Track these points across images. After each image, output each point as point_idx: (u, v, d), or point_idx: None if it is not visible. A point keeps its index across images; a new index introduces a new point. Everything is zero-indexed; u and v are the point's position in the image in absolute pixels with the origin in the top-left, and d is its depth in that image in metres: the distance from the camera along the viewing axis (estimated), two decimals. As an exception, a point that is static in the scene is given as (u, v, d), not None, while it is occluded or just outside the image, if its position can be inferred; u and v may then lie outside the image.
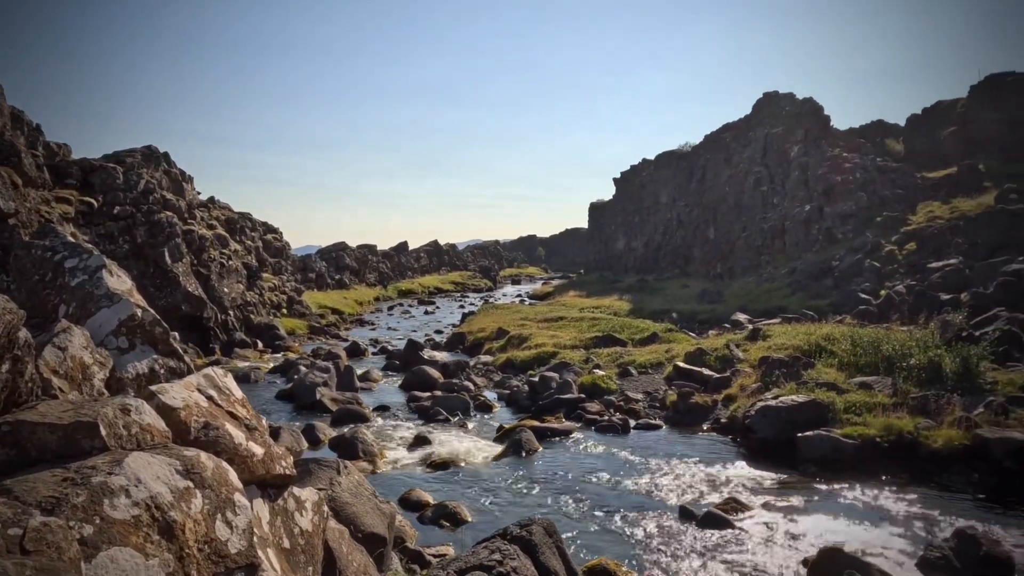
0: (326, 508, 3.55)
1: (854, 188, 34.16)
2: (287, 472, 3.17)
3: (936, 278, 22.51)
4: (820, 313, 22.24)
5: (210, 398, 2.99)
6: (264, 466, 2.97)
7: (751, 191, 42.30)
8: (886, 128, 43.91)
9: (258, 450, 2.96)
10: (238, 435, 2.86)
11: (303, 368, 18.60)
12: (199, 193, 32.29)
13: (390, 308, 45.55)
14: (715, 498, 9.23)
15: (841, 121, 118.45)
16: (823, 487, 9.60)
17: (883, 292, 23.03)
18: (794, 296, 28.19)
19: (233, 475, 2.45)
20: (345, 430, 12.65)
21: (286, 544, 2.98)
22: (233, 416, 3.02)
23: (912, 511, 8.66)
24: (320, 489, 4.65)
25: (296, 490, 3.36)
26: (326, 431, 13.00)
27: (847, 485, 9.61)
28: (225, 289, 27.64)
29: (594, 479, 10.24)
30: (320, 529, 3.42)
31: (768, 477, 10.13)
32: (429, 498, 9.35)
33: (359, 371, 19.18)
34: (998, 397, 10.89)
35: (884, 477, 9.77)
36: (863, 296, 23.54)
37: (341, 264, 52.21)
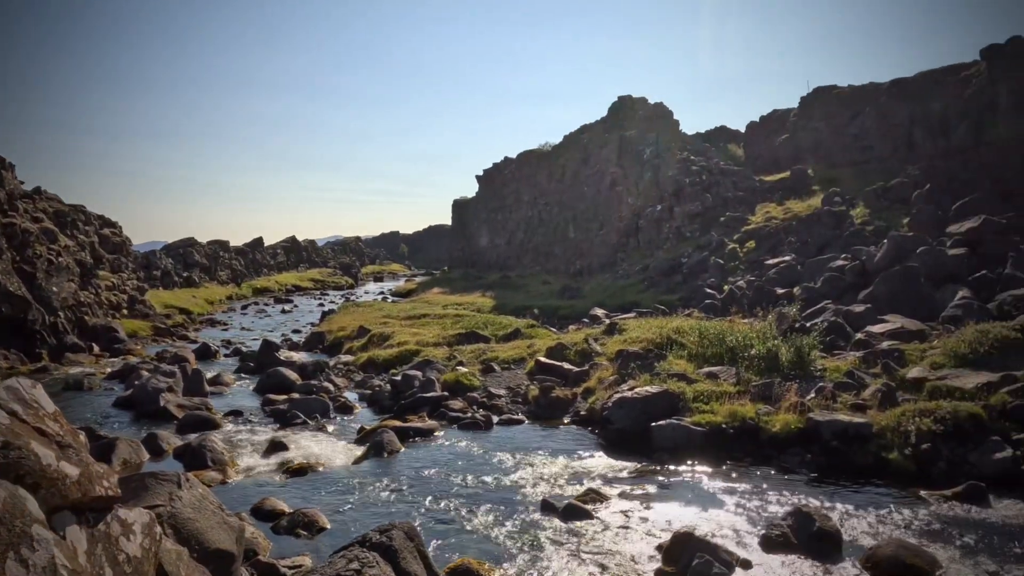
0: (159, 529, 3.21)
1: (701, 190, 36.24)
2: (109, 493, 2.83)
3: (772, 274, 24.30)
4: (671, 307, 23.39)
5: (13, 413, 2.60)
6: (80, 488, 2.62)
7: (608, 191, 43.87)
8: (729, 133, 47.04)
9: (72, 471, 2.61)
10: (46, 455, 2.50)
11: (145, 373, 17.24)
12: (22, 183, 29.16)
13: (244, 307, 43.33)
14: (576, 490, 9.42)
15: (689, 125, 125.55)
16: (676, 473, 10.05)
17: (726, 287, 24.56)
18: (648, 291, 29.50)
19: (33, 504, 2.12)
20: (192, 438, 11.83)
21: (108, 575, 2.64)
22: (42, 433, 2.64)
23: (755, 492, 9.23)
24: (156, 507, 4.24)
25: (123, 512, 3.01)
26: (171, 440, 12.09)
27: (697, 470, 10.12)
28: (54, 288, 25.13)
29: (458, 478, 10.16)
30: (152, 553, 3.08)
31: (625, 466, 10.47)
32: (285, 506, 8.90)
33: (209, 374, 18.04)
34: (827, 383, 11.87)
35: (730, 461, 10.37)
36: (709, 291, 25.00)
37: (190, 261, 49.07)
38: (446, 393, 14.80)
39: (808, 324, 15.63)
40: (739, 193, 35.85)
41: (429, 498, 9.33)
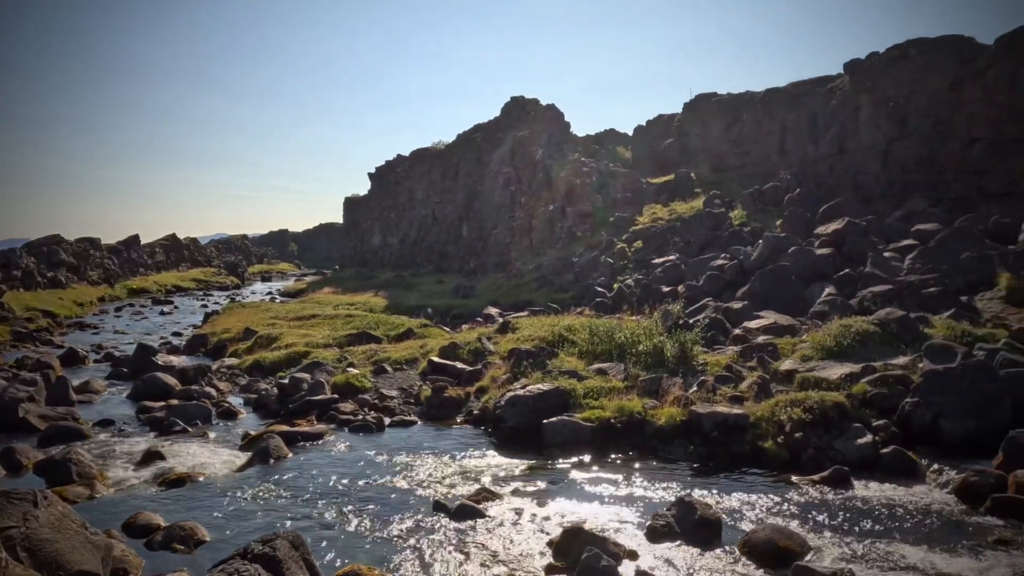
0: (5, 555, 2.92)
1: (591, 190, 37.11)
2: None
3: (659, 273, 25.19)
4: (563, 305, 23.81)
5: None
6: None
7: (501, 190, 44.18)
8: (617, 136, 48.40)
9: None
10: None
11: (2, 381, 15.84)
12: None
13: (118, 309, 40.69)
14: (468, 489, 9.40)
15: (580, 127, 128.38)
16: (566, 469, 10.21)
17: (616, 285, 25.26)
18: (540, 290, 29.92)
19: None
20: (56, 451, 10.97)
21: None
22: None
23: (642, 484, 9.52)
24: (6, 529, 3.88)
25: (-39, 538, 2.71)
26: (30, 454, 11.16)
27: (587, 465, 10.33)
28: None
29: (348, 482, 9.92)
30: (-3, 581, 2.80)
31: (517, 464, 10.55)
32: (160, 520, 8.39)
33: (76, 382, 16.81)
34: (708, 377, 12.41)
35: (619, 455, 10.65)
36: (599, 289, 25.63)
37: (55, 260, 45.57)
38: (336, 396, 14.44)
39: (691, 320, 16.29)
40: (627, 194, 36.96)
41: (318, 504, 9.06)
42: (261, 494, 9.47)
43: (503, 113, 46.56)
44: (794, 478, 9.42)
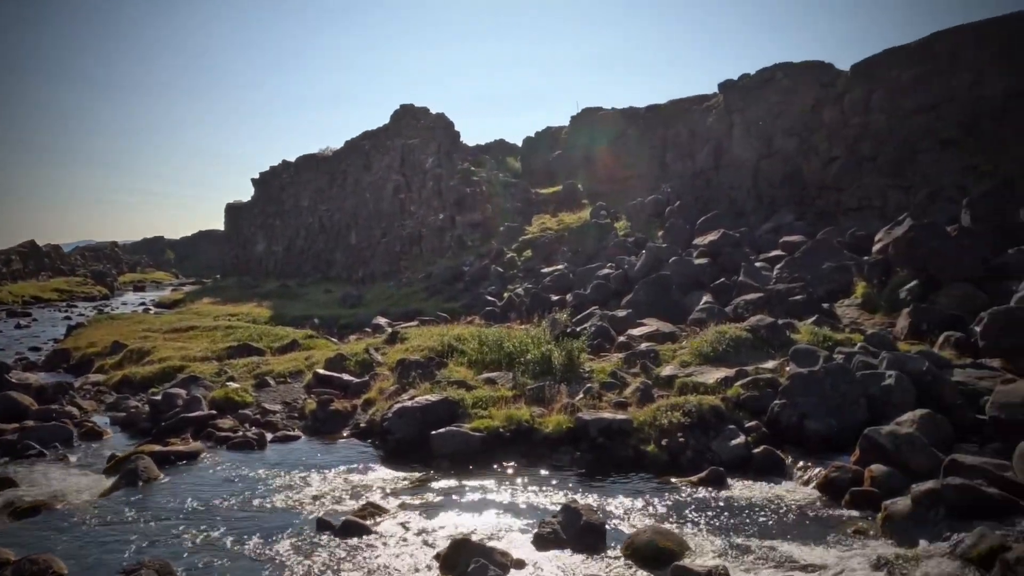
0: None
1: (481, 200, 37.33)
2: None
3: (548, 281, 25.62)
4: (453, 315, 23.77)
5: None
6: None
7: (390, 198, 43.69)
8: (507, 147, 48.95)
9: None
10: None
11: None
12: None
13: (-34, 323, 37.14)
14: (354, 505, 9.17)
15: (470, 137, 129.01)
16: (455, 481, 10.15)
17: (506, 294, 25.48)
18: (430, 299, 29.75)
19: None
20: None
21: None
22: None
23: (530, 492, 9.60)
24: None
25: None
26: None
27: (476, 476, 10.31)
28: None
29: (226, 502, 9.44)
30: None
31: (405, 477, 10.40)
32: (10, 554, 7.67)
33: (-87, 404, 15.14)
34: (594, 384, 12.70)
35: (507, 464, 10.70)
36: (489, 298, 25.77)
37: None
38: (214, 412, 13.74)
39: (578, 328, 16.64)
40: (517, 204, 37.42)
41: (191, 528, 8.56)
42: (128, 520, 8.85)
43: (392, 120, 46.09)
44: (674, 480, 9.77)
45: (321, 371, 15.84)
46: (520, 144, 47.79)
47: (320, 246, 50.47)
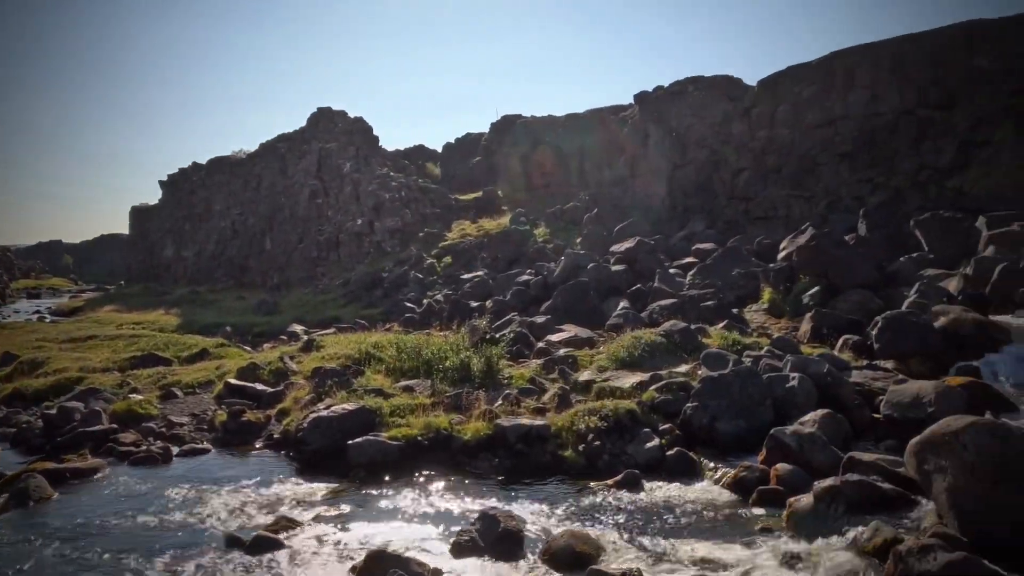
0: None
1: (400, 206, 37.00)
2: None
3: (468, 288, 25.59)
4: (372, 322, 23.43)
5: None
6: None
7: (307, 203, 42.74)
8: (426, 153, 48.75)
9: None
10: None
11: None
12: None
13: None
14: (266, 519, 8.87)
15: (389, 142, 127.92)
16: (372, 491, 9.98)
17: (426, 301, 25.29)
18: (348, 306, 29.25)
19: None
20: None
21: None
22: None
23: (449, 500, 9.54)
24: None
25: None
26: None
27: (394, 485, 10.16)
28: None
29: (127, 521, 8.97)
30: None
31: (321, 489, 10.15)
32: None
33: None
34: (513, 390, 12.75)
35: (426, 472, 10.59)
36: (409, 305, 25.53)
37: None
38: (115, 425, 13.05)
39: (497, 335, 16.68)
40: (436, 210, 37.29)
41: (89, 550, 8.09)
42: (17, 544, 8.29)
43: (309, 123, 45.13)
44: (591, 484, 9.90)
45: (233, 381, 15.29)
46: (440, 150, 47.69)
47: (233, 251, 48.84)
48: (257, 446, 12.47)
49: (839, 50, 25.50)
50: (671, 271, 21.49)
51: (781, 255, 18.95)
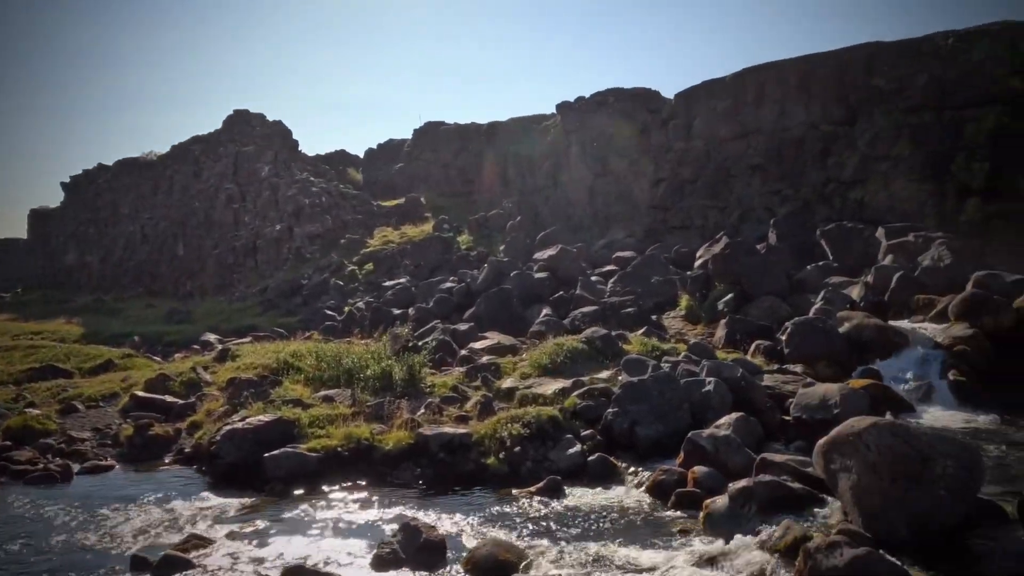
0: None
1: (321, 211, 36.28)
2: None
3: (390, 295, 25.30)
4: (291, 330, 22.86)
5: None
6: None
7: (223, 208, 41.36)
8: (348, 158, 47.99)
9: None
10: None
11: None
12: None
13: None
14: (175, 538, 8.48)
15: (309, 146, 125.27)
16: (290, 504, 9.69)
17: (347, 308, 24.87)
18: (266, 314, 28.46)
19: None
20: None
21: None
22: None
23: (370, 512, 9.35)
24: None
25: None
26: None
27: (313, 498, 9.89)
28: None
29: (20, 547, 8.40)
30: None
31: (235, 504, 9.78)
32: None
33: None
34: (435, 398, 12.65)
35: (346, 484, 10.36)
36: (329, 312, 25.04)
37: None
38: (9, 443, 12.23)
39: (420, 343, 16.53)
40: (358, 216, 36.75)
41: (-23, 577, 7.53)
42: None
43: (225, 126, 43.70)
44: (514, 491, 9.90)
45: (140, 393, 14.60)
46: (362, 155, 47.03)
47: (142, 257, 46.69)
48: (167, 461, 11.94)
49: (750, 67, 26.57)
50: (593, 278, 21.82)
51: (698, 263, 19.54)
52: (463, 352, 16.37)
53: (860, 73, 23.51)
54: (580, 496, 9.64)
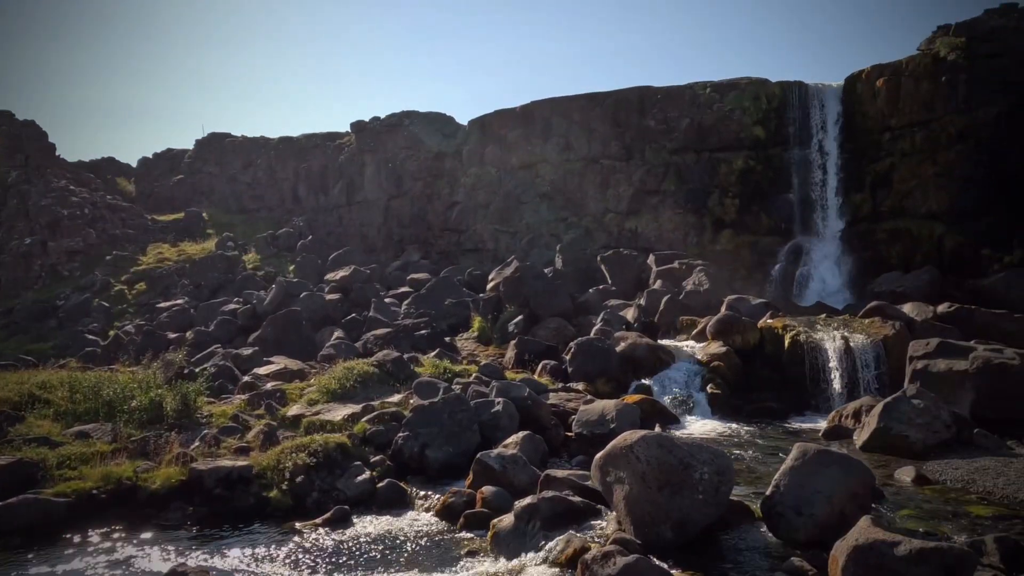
0: None
1: (83, 224, 32.55)
2: None
3: (164, 317, 23.23)
4: (42, 357, 20.15)
5: None
6: None
7: (-44, 216, 35.58)
8: (119, 166, 43.54)
9: None
10: None
11: None
12: None
13: None
14: None
15: (69, 152, 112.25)
16: (34, 560, 8.43)
17: (112, 332, 22.43)
18: (12, 339, 24.96)
19: None
20: None
21: None
22: None
23: (133, 561, 8.40)
24: None
25: None
26: None
27: (59, 551, 8.69)
28: None
29: None
30: None
31: (-43, 565, 8.32)
32: None
33: None
34: (212, 429, 11.73)
35: (104, 531, 9.24)
36: (91, 337, 22.47)
37: None
38: None
39: (197, 370, 15.32)
40: (129, 231, 33.46)
41: None
42: None
43: (-39, 122, 37.76)
44: (298, 524, 9.42)
45: None
46: (135, 164, 42.91)
47: None
48: None
49: (538, 100, 28.02)
50: (387, 300, 21.62)
51: (490, 286, 20.07)
52: (246, 378, 15.41)
53: (634, 113, 25.69)
54: (369, 524, 9.40)
